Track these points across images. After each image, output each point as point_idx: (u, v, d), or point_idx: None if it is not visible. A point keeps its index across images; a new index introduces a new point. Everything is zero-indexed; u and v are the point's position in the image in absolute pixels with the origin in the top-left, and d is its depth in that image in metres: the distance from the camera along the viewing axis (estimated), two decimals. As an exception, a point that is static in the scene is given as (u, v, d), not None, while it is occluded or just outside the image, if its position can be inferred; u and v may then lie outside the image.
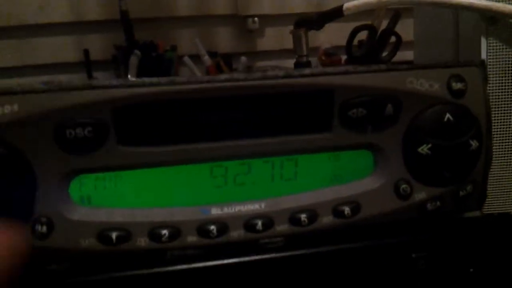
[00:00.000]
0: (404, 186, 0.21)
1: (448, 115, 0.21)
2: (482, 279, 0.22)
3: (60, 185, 0.19)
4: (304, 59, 0.42)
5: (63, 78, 0.80)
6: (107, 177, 0.19)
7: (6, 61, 0.79)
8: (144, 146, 0.19)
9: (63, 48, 0.80)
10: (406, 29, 0.59)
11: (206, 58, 0.74)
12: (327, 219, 0.20)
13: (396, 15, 0.57)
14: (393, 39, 0.63)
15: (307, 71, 0.20)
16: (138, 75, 0.72)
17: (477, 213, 0.23)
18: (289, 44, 0.90)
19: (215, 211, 0.20)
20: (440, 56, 0.44)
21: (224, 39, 0.84)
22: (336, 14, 0.39)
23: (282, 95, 0.20)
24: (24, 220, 0.18)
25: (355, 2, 0.37)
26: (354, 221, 0.21)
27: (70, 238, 0.19)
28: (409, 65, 0.20)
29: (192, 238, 0.20)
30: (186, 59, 0.74)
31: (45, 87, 0.18)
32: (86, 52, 0.79)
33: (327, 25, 0.44)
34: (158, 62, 0.75)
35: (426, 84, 0.20)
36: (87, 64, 0.79)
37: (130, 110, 0.19)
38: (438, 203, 0.21)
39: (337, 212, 0.20)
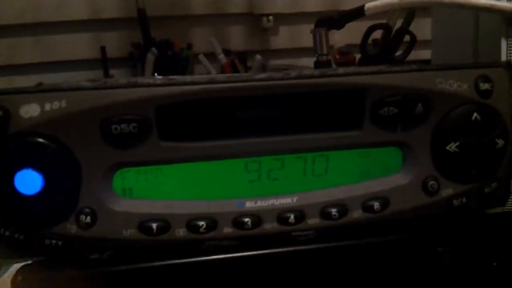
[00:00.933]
0: (431, 182, 0.22)
1: (475, 114, 0.21)
2: (505, 273, 0.22)
3: (103, 178, 0.20)
4: (324, 58, 0.42)
5: (80, 75, 0.82)
6: (148, 171, 0.20)
7: (25, 58, 0.80)
8: (184, 142, 0.20)
9: (81, 45, 0.81)
10: (420, 28, 0.59)
11: (222, 56, 0.74)
12: (357, 214, 0.21)
13: (410, 15, 0.58)
14: (407, 38, 0.63)
15: (341, 70, 0.20)
16: (154, 72, 0.73)
17: (500, 209, 0.23)
18: (303, 42, 0.91)
19: (249, 204, 0.21)
20: (459, 56, 0.45)
21: (239, 37, 0.85)
22: (357, 14, 0.39)
23: (316, 93, 0.20)
24: (69, 210, 0.19)
25: (376, 2, 0.37)
26: (382, 215, 0.21)
27: (112, 228, 0.20)
28: (439, 66, 0.21)
29: (227, 230, 0.21)
30: (202, 57, 0.75)
31: (91, 85, 0.19)
32: (103, 50, 0.80)
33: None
34: (174, 60, 0.76)
35: (454, 84, 0.21)
36: (104, 61, 0.80)
37: (172, 107, 0.19)
38: (464, 199, 0.22)
39: (366, 207, 0.21)
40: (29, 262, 0.20)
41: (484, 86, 0.21)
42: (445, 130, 0.21)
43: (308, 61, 0.84)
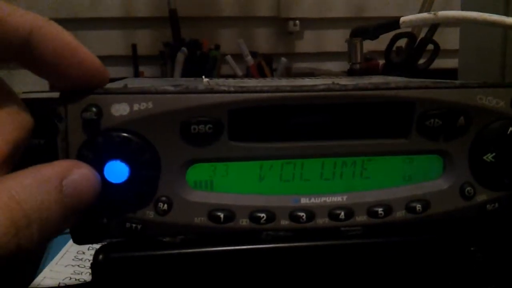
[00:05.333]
0: (468, 188, 0.24)
1: (510, 129, 0.24)
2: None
3: (179, 171, 0.22)
4: (358, 66, 0.45)
5: (111, 70, 0.85)
6: (218, 167, 0.23)
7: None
8: (250, 142, 0.23)
9: (113, 42, 0.85)
10: (443, 37, 0.61)
11: (249, 58, 0.77)
12: (400, 214, 0.24)
13: (435, 24, 0.60)
14: (430, 46, 0.65)
15: (392, 84, 0.23)
16: (183, 71, 0.76)
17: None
18: (327, 47, 0.93)
19: (304, 201, 0.23)
20: (484, 67, 0.47)
21: (265, 40, 0.88)
22: (392, 26, 0.42)
23: (369, 104, 0.23)
24: (149, 198, 0.22)
25: (412, 17, 0.40)
26: (423, 216, 0.24)
27: (185, 216, 0.22)
28: (479, 84, 0.23)
29: (284, 222, 0.23)
30: (229, 58, 0.77)
31: (175, 90, 0.21)
32: (134, 47, 0.83)
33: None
34: (203, 60, 0.79)
35: (493, 100, 0.23)
36: (134, 59, 0.83)
37: (241, 111, 0.22)
38: (496, 204, 0.24)
39: (409, 208, 0.24)
40: (109, 242, 0.23)
41: (519, 103, 0.24)
42: (483, 141, 0.24)
43: (331, 65, 0.87)
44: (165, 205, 0.22)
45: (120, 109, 0.21)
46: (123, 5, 0.84)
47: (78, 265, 0.35)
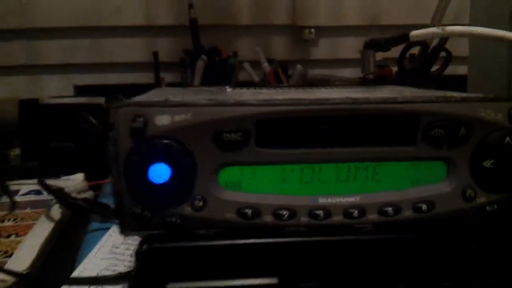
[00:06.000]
0: (469, 191, 0.27)
1: (507, 139, 0.26)
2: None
3: (212, 173, 0.25)
4: (371, 76, 0.48)
5: (133, 76, 0.89)
6: (246, 170, 0.26)
7: (82, 58, 0.87)
8: (274, 149, 0.26)
9: (135, 49, 0.88)
10: (455, 45, 0.63)
11: (266, 65, 0.80)
12: (408, 213, 0.26)
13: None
14: (443, 54, 0.67)
15: (400, 98, 0.26)
16: (203, 78, 0.79)
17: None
18: (341, 54, 0.96)
19: (321, 200, 0.26)
20: (493, 75, 0.49)
21: (281, 48, 0.90)
22: (403, 39, 0.44)
23: (380, 115, 0.26)
24: (187, 196, 0.25)
25: (421, 31, 0.43)
26: (428, 216, 0.27)
27: (217, 212, 0.26)
28: (479, 98, 0.26)
29: (304, 219, 0.26)
30: (246, 65, 0.80)
31: (210, 103, 0.25)
32: (155, 54, 0.86)
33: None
34: (221, 67, 0.82)
35: (492, 113, 0.26)
36: (156, 65, 0.86)
37: (267, 122, 0.25)
38: (495, 206, 0.27)
39: (416, 208, 0.26)
40: (151, 234, 0.26)
41: (515, 115, 0.26)
42: (483, 149, 0.26)
43: (345, 72, 0.89)
44: (201, 202, 0.25)
45: (163, 120, 0.24)
46: (146, 14, 0.87)
47: (114, 258, 0.38)
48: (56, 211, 0.49)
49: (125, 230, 0.25)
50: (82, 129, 0.65)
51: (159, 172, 0.25)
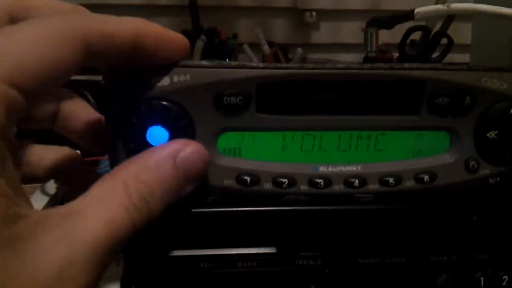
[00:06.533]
0: (472, 163, 0.26)
1: (512, 109, 0.26)
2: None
3: (211, 138, 0.25)
4: (373, 54, 0.47)
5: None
6: (245, 135, 0.25)
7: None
8: (275, 115, 0.25)
9: (134, 29, 0.87)
10: (457, 31, 0.63)
11: (266, 48, 0.79)
12: (409, 183, 0.26)
13: (449, 18, 0.62)
14: (444, 40, 0.67)
15: (406, 65, 0.25)
16: (202, 59, 0.78)
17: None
18: (342, 38, 0.95)
19: (322, 169, 0.26)
20: (496, 61, 0.49)
21: (281, 30, 0.89)
22: (407, 17, 0.44)
23: (384, 82, 0.25)
24: (184, 162, 0.25)
25: (426, 8, 0.42)
26: (430, 186, 0.26)
27: (215, 179, 0.25)
28: (485, 67, 0.26)
29: (304, 187, 0.26)
30: (246, 47, 0.79)
31: (210, 64, 0.24)
32: (154, 34, 0.85)
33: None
34: (220, 48, 0.81)
35: (497, 83, 0.26)
36: (154, 45, 0.86)
37: (268, 86, 0.24)
38: (498, 178, 0.27)
39: (417, 179, 0.26)
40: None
41: (521, 86, 0.26)
42: (487, 120, 0.26)
43: (345, 56, 0.89)
44: None
45: (161, 80, 0.24)
46: (145, -7, 0.86)
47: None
48: (51, 186, 0.48)
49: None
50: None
51: (157, 135, 0.24)
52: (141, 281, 0.25)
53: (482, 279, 0.27)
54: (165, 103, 0.24)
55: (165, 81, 0.24)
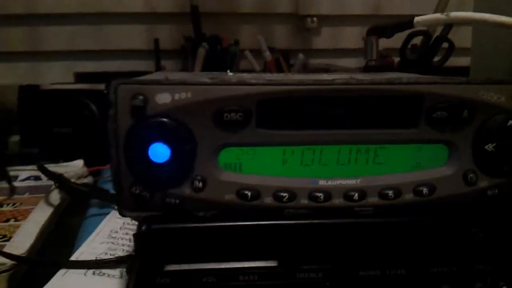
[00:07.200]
0: (471, 175, 0.27)
1: (510, 122, 0.26)
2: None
3: (212, 154, 0.25)
4: (373, 63, 0.47)
5: (134, 64, 0.88)
6: (245, 151, 0.26)
7: (84, 45, 0.87)
8: (275, 130, 0.25)
9: (136, 37, 0.87)
10: (457, 36, 0.63)
11: (267, 54, 0.80)
12: (408, 196, 0.26)
13: (449, 24, 0.62)
14: (445, 45, 0.67)
15: (404, 79, 0.25)
16: (204, 66, 0.79)
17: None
18: (343, 44, 0.95)
19: (322, 183, 0.26)
20: (496, 65, 0.49)
21: (282, 36, 0.90)
22: (407, 25, 0.44)
23: (383, 96, 0.26)
24: (186, 177, 0.25)
25: (425, 17, 0.42)
26: (429, 199, 0.26)
27: (217, 193, 0.25)
28: (482, 80, 0.26)
29: (304, 201, 0.26)
30: (247, 53, 0.80)
31: (210, 81, 0.24)
32: (156, 42, 0.86)
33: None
34: (222, 55, 0.82)
35: (494, 96, 0.26)
36: (157, 53, 0.86)
37: (268, 102, 0.25)
38: (496, 190, 0.27)
39: (417, 191, 0.26)
40: (150, 215, 0.26)
41: (519, 98, 0.26)
42: (485, 133, 0.26)
43: (347, 62, 0.89)
44: (200, 183, 0.25)
45: (163, 98, 0.24)
46: (147, 1, 0.87)
47: (112, 243, 0.38)
48: (55, 196, 0.49)
49: (124, 211, 0.25)
50: (84, 116, 0.65)
51: (159, 152, 0.24)
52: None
53: (481, 289, 0.27)
54: (166, 120, 0.24)
55: (167, 98, 0.24)
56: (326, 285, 0.26)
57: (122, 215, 0.26)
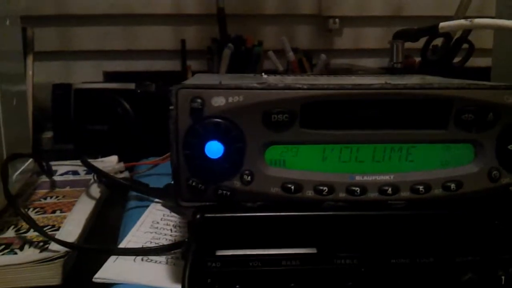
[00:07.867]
0: (495, 172, 0.29)
1: (532, 123, 0.29)
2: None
3: (260, 151, 0.28)
4: (399, 65, 0.49)
5: (161, 63, 0.91)
6: (289, 148, 0.29)
7: (113, 45, 0.90)
8: (317, 129, 0.28)
9: (163, 37, 0.90)
10: (478, 37, 0.65)
11: (291, 55, 0.82)
12: (437, 191, 0.29)
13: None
14: (465, 45, 0.68)
15: (435, 84, 0.28)
16: (229, 66, 0.82)
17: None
18: (364, 44, 0.97)
19: (358, 178, 0.29)
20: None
21: (305, 37, 0.92)
22: (432, 31, 0.46)
23: (416, 100, 0.28)
24: (237, 171, 0.28)
25: (450, 23, 0.44)
26: (456, 194, 0.29)
27: (263, 186, 0.28)
28: (507, 85, 0.28)
29: (342, 195, 0.29)
30: (271, 53, 0.82)
31: (260, 86, 0.27)
32: (183, 42, 0.88)
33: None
34: (247, 55, 0.84)
35: (518, 100, 0.28)
36: (183, 53, 0.89)
37: (312, 105, 0.28)
38: (518, 186, 0.29)
39: (445, 187, 0.29)
40: (204, 205, 0.29)
41: (541, 102, 0.29)
42: (508, 133, 0.29)
43: (368, 62, 0.91)
44: (249, 177, 0.28)
45: (218, 101, 0.27)
46: (174, 3, 0.89)
47: (155, 232, 0.41)
48: (95, 190, 0.52)
49: (181, 201, 0.28)
50: (117, 114, 0.69)
51: (214, 149, 0.27)
52: (198, 278, 0.28)
53: (503, 277, 0.29)
54: (221, 120, 0.27)
55: (221, 101, 0.27)
56: (361, 270, 0.29)
57: (179, 205, 0.29)
